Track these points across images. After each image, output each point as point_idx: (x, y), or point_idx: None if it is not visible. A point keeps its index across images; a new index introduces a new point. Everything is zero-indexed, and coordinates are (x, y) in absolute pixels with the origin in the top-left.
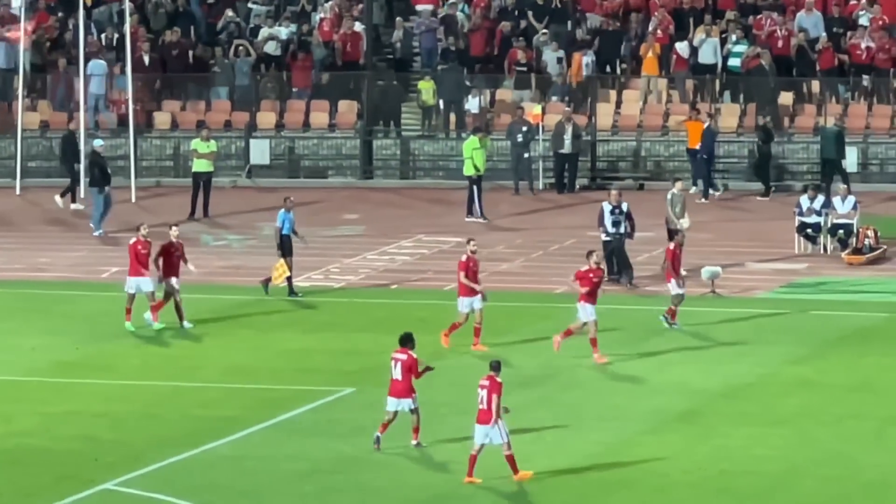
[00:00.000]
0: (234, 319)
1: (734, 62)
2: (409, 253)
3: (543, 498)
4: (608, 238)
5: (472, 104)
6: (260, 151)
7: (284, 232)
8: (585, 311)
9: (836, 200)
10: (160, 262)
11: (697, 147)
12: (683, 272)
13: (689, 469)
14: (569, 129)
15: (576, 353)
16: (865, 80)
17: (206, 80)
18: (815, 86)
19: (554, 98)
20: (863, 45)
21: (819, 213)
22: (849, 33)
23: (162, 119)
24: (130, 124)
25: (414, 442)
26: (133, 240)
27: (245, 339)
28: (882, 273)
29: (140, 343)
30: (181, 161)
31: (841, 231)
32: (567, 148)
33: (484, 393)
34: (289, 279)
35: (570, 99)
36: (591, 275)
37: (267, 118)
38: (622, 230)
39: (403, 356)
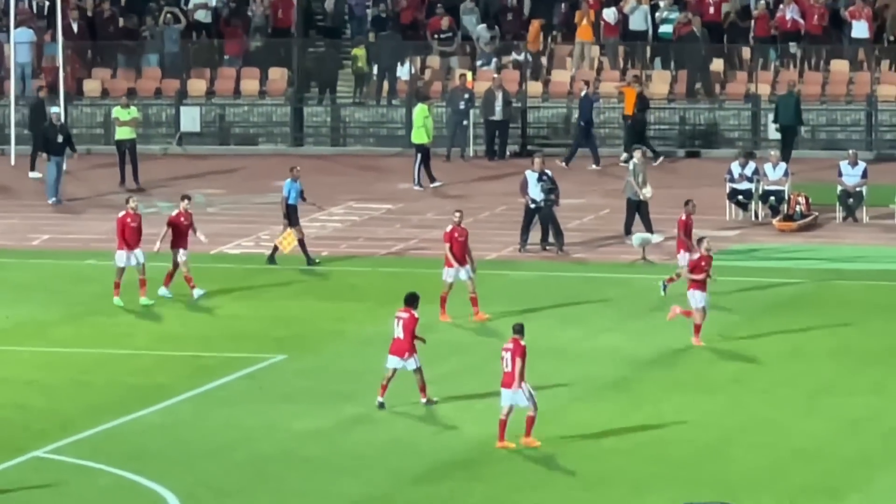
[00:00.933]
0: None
1: (666, 29)
2: (339, 220)
3: (475, 465)
4: (535, 206)
5: (403, 71)
6: (190, 119)
7: (291, 201)
8: (695, 299)
9: (767, 167)
10: (168, 233)
11: (631, 114)
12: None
13: (621, 436)
14: (499, 96)
15: (508, 323)
16: (795, 48)
17: (137, 48)
18: (746, 52)
19: (481, 64)
20: (787, 16)
21: (750, 180)
22: (780, 5)
23: (92, 87)
24: (61, 92)
25: (423, 400)
26: (122, 213)
27: (176, 306)
28: (813, 240)
29: (70, 311)
30: (112, 129)
31: (772, 198)
32: (498, 115)
33: (508, 356)
34: (303, 247)
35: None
36: (702, 263)
37: (197, 86)
38: (552, 197)
39: (405, 315)
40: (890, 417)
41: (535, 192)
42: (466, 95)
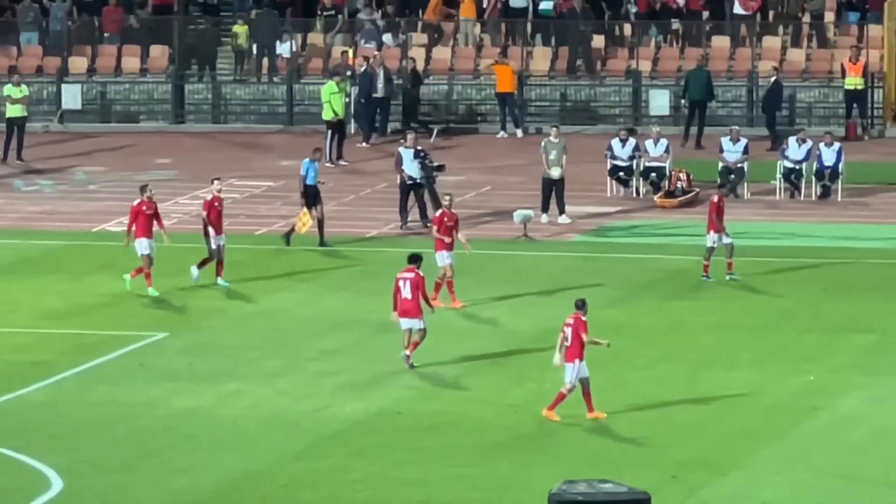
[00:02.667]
0: (47, 264)
1: (546, 6)
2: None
3: (356, 441)
4: (412, 182)
5: (284, 48)
6: (72, 96)
7: (309, 182)
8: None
9: (648, 143)
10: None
11: (509, 91)
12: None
13: (503, 412)
14: (381, 73)
15: (385, 299)
16: (676, 24)
17: (17, 25)
18: (627, 29)
19: (363, 42)
20: None
21: (631, 157)
22: None
23: None
24: None
25: (406, 353)
26: (137, 201)
27: (58, 284)
28: (694, 216)
29: None
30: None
31: (653, 174)
32: (380, 92)
33: (569, 331)
34: (320, 229)
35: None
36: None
37: (79, 63)
38: (430, 173)
39: (411, 275)
40: (770, 392)
41: (412, 168)
42: (348, 73)
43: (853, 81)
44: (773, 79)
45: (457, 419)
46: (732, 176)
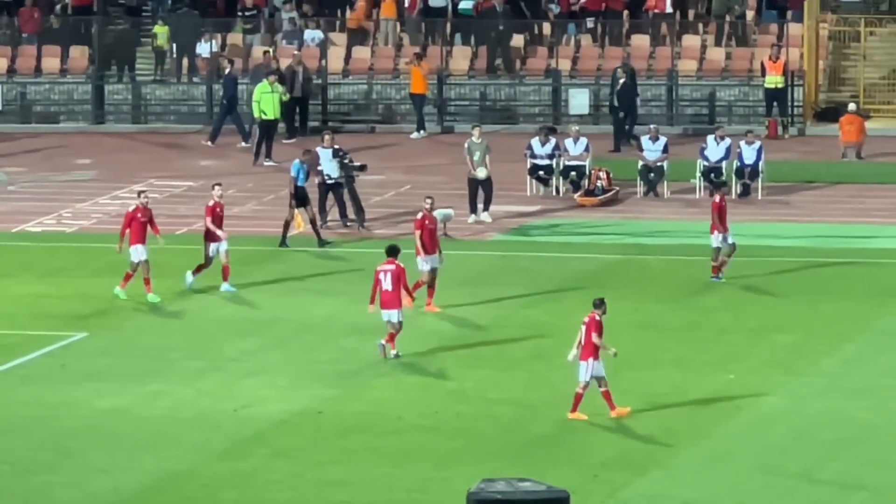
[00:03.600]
0: None
1: (466, 5)
2: None
3: (278, 441)
4: (332, 181)
5: (204, 49)
6: None
7: (300, 183)
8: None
9: (567, 142)
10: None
11: (421, 93)
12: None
13: (424, 412)
14: (299, 73)
15: (310, 301)
16: (595, 23)
17: None
18: (547, 28)
19: (284, 42)
20: None
21: (551, 156)
22: None
23: None
24: None
25: (383, 342)
26: (132, 207)
27: None
28: (615, 215)
29: None
30: None
31: (573, 173)
32: (298, 91)
33: (584, 329)
34: (315, 229)
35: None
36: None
37: None
38: (350, 173)
39: (392, 266)
40: (692, 391)
41: (330, 168)
42: (270, 75)
43: (773, 80)
44: (622, 80)
45: (378, 419)
46: (652, 175)
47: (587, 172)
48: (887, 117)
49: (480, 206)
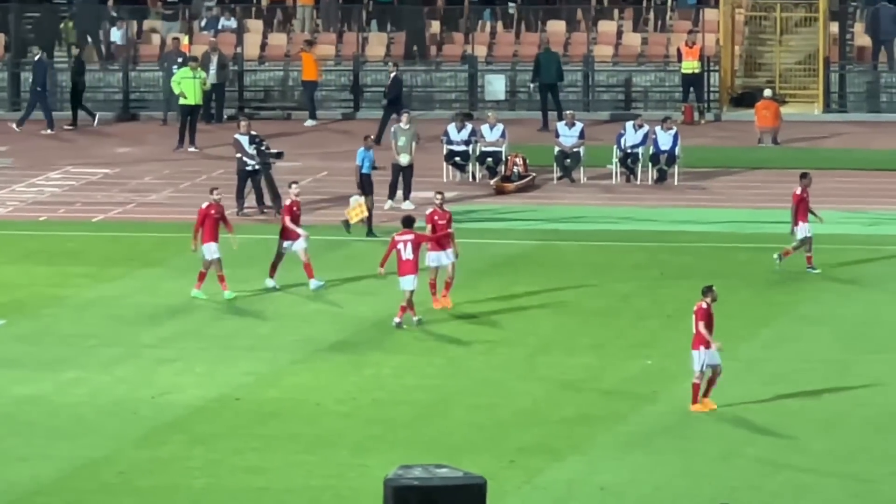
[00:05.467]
0: None
1: None
2: (57, 185)
3: (195, 428)
4: (250, 168)
5: (118, 35)
6: None
7: (364, 171)
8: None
9: (484, 128)
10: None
11: (313, 80)
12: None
13: (341, 398)
14: (214, 60)
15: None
16: (512, 8)
17: None
18: (463, 14)
19: (200, 30)
20: None
21: (467, 142)
22: None
23: None
24: None
25: (397, 320)
26: (205, 204)
27: None
28: (531, 201)
29: None
30: None
31: (489, 159)
32: (213, 78)
33: (693, 318)
34: (368, 218)
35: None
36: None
37: None
38: (266, 160)
39: (411, 237)
40: (608, 377)
41: (254, 153)
42: (179, 59)
43: (690, 65)
44: (392, 75)
45: (296, 406)
46: (568, 160)
47: (503, 158)
48: (803, 102)
49: (400, 192)
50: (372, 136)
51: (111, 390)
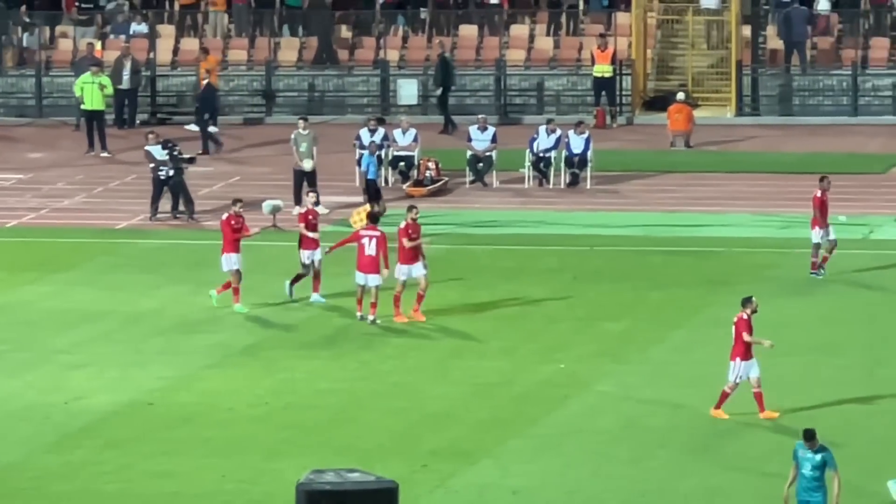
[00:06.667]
0: None
1: None
2: None
3: (108, 433)
4: (165, 175)
5: (31, 41)
6: None
7: (370, 176)
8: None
9: (396, 133)
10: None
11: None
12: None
13: (253, 403)
14: (127, 65)
15: (140, 293)
16: (424, 13)
17: None
18: (375, 18)
19: (113, 35)
20: None
21: (380, 146)
22: None
23: None
24: None
25: (365, 315)
26: (225, 215)
27: None
28: (443, 205)
29: None
30: None
31: (402, 163)
32: (125, 83)
33: (733, 329)
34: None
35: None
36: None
37: None
38: (179, 165)
39: (377, 233)
40: (520, 381)
41: (166, 160)
42: (93, 65)
43: (601, 69)
44: (205, 81)
45: (208, 410)
46: (481, 164)
47: (416, 163)
48: (715, 105)
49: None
50: (376, 142)
51: (23, 396)
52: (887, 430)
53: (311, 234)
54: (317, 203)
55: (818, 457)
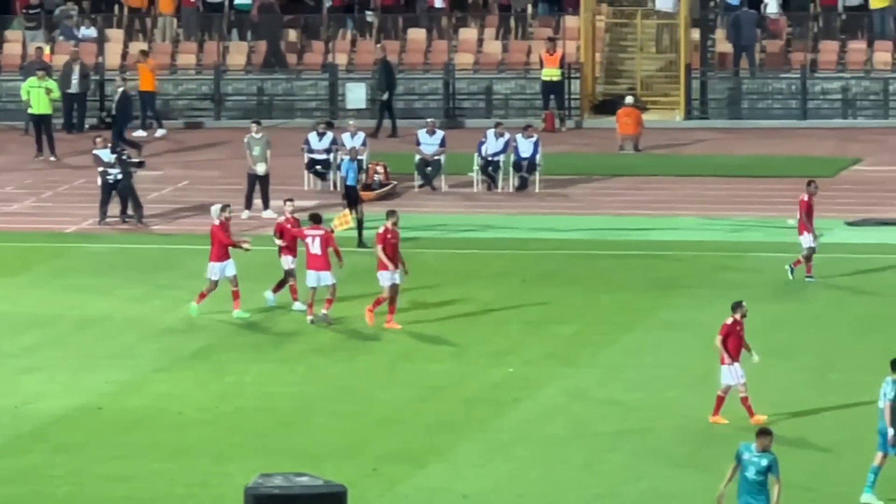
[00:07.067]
0: None
1: (243, 0)
2: None
3: (59, 436)
4: (113, 179)
5: None
6: None
7: (349, 182)
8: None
9: (345, 137)
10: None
11: (150, 90)
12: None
13: (203, 407)
14: (76, 69)
15: (88, 297)
16: (371, 17)
17: None
18: (323, 22)
19: (62, 39)
20: None
21: (328, 150)
22: None
23: None
24: None
25: (324, 311)
26: (217, 222)
27: None
28: (391, 208)
29: None
30: None
31: None
32: (74, 87)
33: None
34: (359, 229)
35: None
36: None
37: None
38: (127, 169)
39: (320, 232)
40: (469, 384)
41: (114, 164)
42: (41, 69)
43: (550, 73)
44: (120, 89)
45: (158, 414)
46: (429, 168)
47: (364, 167)
48: (664, 109)
49: (258, 201)
50: (357, 148)
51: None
52: (837, 433)
53: (280, 242)
54: (293, 211)
55: (764, 461)
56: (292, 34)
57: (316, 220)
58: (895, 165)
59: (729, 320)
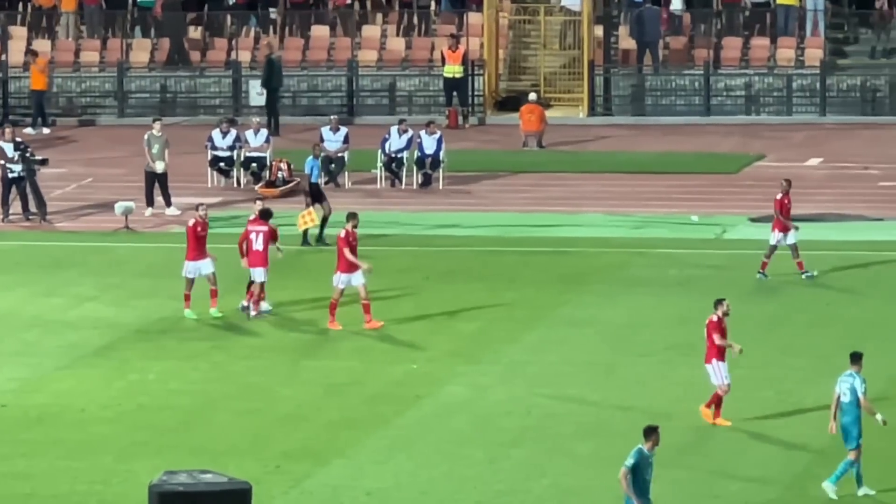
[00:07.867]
0: None
1: None
2: None
3: None
4: (15, 175)
5: None
6: None
7: (313, 180)
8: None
9: (248, 134)
10: (244, 246)
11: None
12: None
13: (106, 404)
14: None
15: None
16: (275, 14)
17: None
18: (227, 20)
19: None
20: None
21: (232, 147)
22: None
23: None
24: None
25: (244, 303)
26: (192, 221)
27: None
28: (297, 206)
29: None
30: None
31: (254, 164)
32: None
33: (705, 331)
34: (322, 225)
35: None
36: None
37: None
38: (31, 166)
39: (264, 228)
40: (372, 381)
41: (16, 160)
42: None
43: (452, 70)
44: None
45: (61, 411)
46: (333, 165)
47: (268, 164)
48: (567, 106)
49: (159, 198)
50: (320, 145)
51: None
52: (737, 432)
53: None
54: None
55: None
56: (195, 31)
57: (266, 215)
58: (798, 161)
59: (714, 317)
